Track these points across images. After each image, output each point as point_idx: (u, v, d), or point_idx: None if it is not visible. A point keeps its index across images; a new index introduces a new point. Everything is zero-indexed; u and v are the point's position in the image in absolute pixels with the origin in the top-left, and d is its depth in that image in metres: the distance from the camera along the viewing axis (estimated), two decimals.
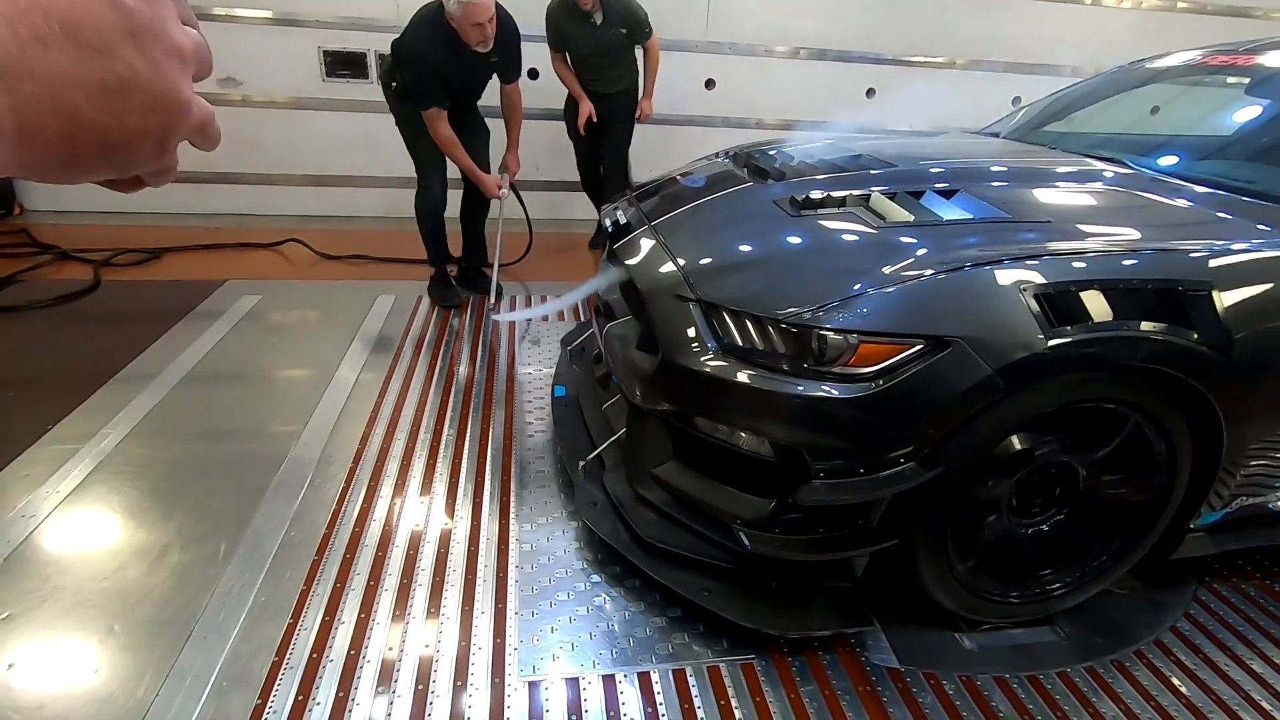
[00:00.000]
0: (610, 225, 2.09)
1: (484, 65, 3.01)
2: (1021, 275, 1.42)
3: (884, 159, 2.07)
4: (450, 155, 3.06)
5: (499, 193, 3.24)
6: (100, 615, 1.59)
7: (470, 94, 3.13)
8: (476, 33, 2.78)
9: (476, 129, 3.25)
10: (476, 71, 3.03)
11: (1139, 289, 1.42)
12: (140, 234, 3.90)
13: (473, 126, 3.21)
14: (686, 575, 1.65)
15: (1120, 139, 2.55)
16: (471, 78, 3.04)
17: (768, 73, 4.79)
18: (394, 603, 1.65)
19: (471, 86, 3.10)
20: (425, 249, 3.36)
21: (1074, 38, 5.02)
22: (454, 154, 3.05)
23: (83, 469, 2.06)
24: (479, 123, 3.27)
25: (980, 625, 1.67)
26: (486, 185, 3.19)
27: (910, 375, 1.38)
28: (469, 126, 3.18)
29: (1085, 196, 1.86)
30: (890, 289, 1.44)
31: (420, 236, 3.33)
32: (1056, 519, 1.62)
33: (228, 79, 4.21)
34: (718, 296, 1.56)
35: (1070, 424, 1.51)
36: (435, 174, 3.17)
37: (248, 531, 1.85)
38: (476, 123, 3.25)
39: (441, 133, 2.97)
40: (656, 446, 1.73)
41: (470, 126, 3.19)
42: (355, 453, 2.20)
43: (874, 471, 1.43)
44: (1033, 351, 1.36)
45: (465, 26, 2.75)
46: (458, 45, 2.82)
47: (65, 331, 2.92)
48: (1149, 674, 1.60)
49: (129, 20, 0.29)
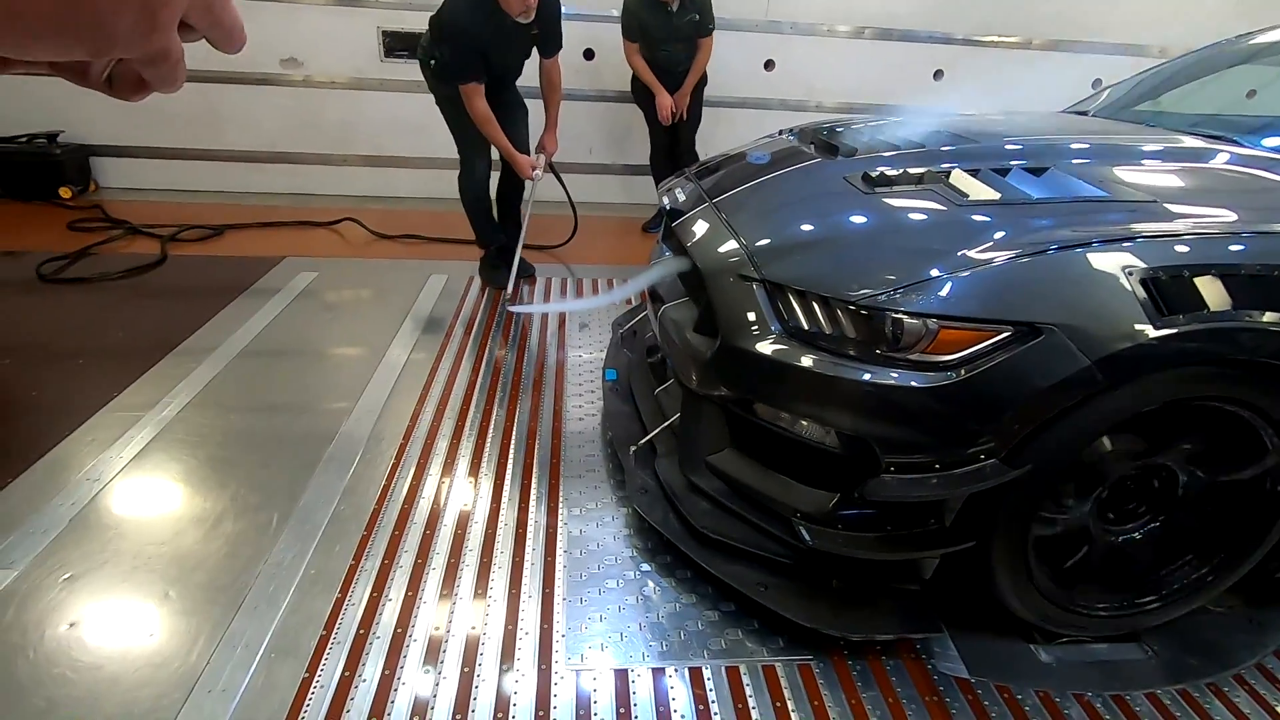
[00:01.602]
0: (668, 204, 2.01)
1: (524, 37, 2.92)
2: (1126, 258, 1.28)
3: (963, 135, 1.93)
4: (486, 132, 2.98)
5: (533, 174, 3.15)
6: (157, 580, 1.61)
7: (509, 68, 3.05)
8: (519, 3, 2.70)
9: (515, 107, 3.17)
10: (516, 44, 2.94)
11: (1263, 275, 1.27)
12: (205, 211, 4.00)
13: (512, 104, 3.14)
14: (741, 568, 1.58)
15: (1220, 119, 2.34)
16: (511, 50, 2.96)
17: (829, 53, 4.61)
18: (441, 582, 1.63)
19: (511, 60, 3.02)
20: (473, 230, 3.32)
21: (1165, 15, 4.68)
22: (489, 131, 2.97)
23: (145, 435, 2.11)
24: (518, 101, 3.20)
25: (1058, 638, 1.55)
26: (521, 165, 3.10)
27: (996, 364, 1.26)
28: (508, 104, 3.11)
29: (1196, 176, 1.70)
30: (974, 271, 1.32)
31: (467, 217, 3.30)
32: (1152, 527, 1.48)
33: (290, 59, 4.28)
34: (783, 276, 1.47)
35: (1174, 423, 1.37)
36: (478, 154, 3.12)
37: (299, 504, 1.85)
38: (515, 101, 3.18)
39: (478, 108, 2.89)
40: (713, 433, 1.66)
41: (509, 104, 3.12)
42: (405, 431, 2.19)
43: (950, 468, 1.32)
44: (1137, 342, 1.23)
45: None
46: (499, 15, 2.74)
47: (133, 303, 3.01)
48: (1250, 700, 1.45)
49: None
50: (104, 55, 0.27)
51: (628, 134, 4.66)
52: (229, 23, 0.31)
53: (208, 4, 0.29)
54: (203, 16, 0.29)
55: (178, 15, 0.28)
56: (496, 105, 2.99)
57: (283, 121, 4.42)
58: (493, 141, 3.03)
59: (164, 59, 0.29)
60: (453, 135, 3.12)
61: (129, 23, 0.26)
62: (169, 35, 0.28)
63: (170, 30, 0.28)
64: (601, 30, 4.37)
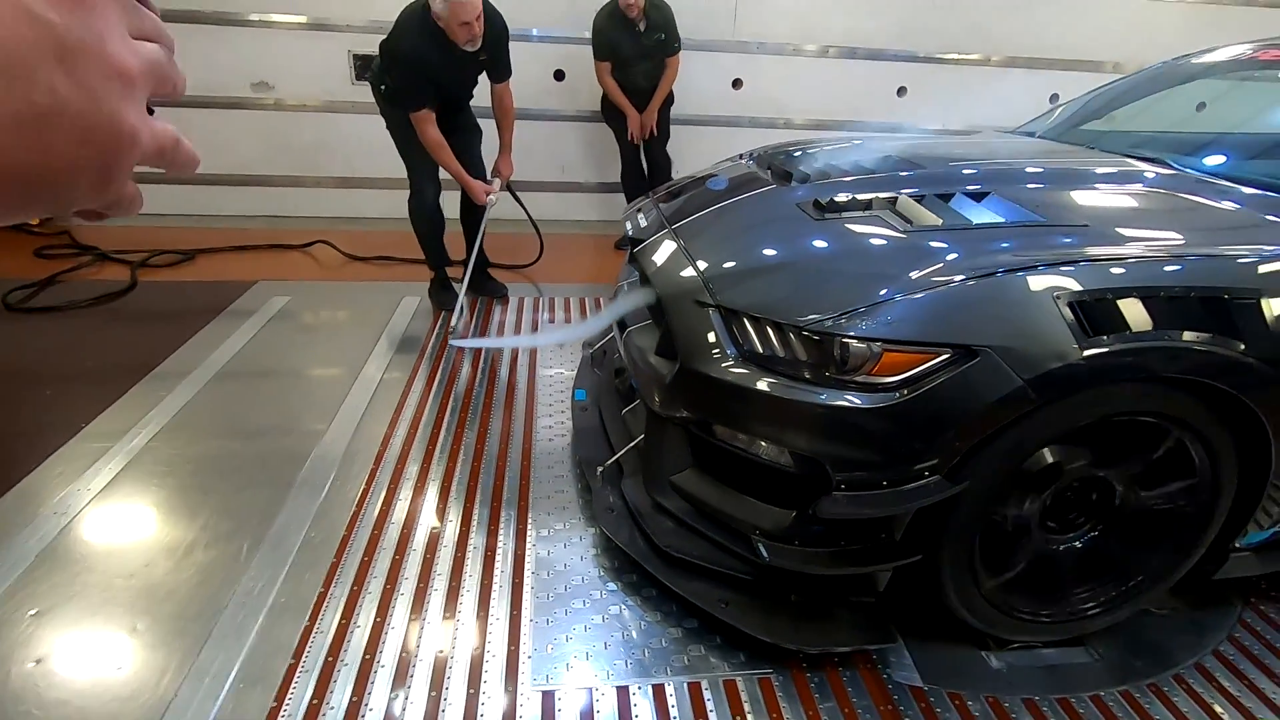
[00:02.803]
0: (630, 230, 2.07)
1: (473, 64, 2.94)
2: (1055, 282, 1.36)
3: (912, 160, 2.01)
4: (438, 159, 2.98)
5: (487, 199, 3.12)
6: (126, 612, 1.62)
7: (460, 94, 3.06)
8: (464, 31, 2.71)
9: (469, 130, 3.17)
10: (465, 71, 2.95)
11: (1181, 297, 1.35)
12: (176, 236, 3.99)
13: (466, 128, 3.14)
14: (704, 586, 1.63)
15: (1163, 138, 2.45)
16: (461, 77, 2.97)
17: (796, 72, 4.72)
18: (410, 607, 1.65)
19: (461, 86, 3.03)
20: (424, 252, 3.30)
21: (1117, 33, 4.85)
22: (442, 158, 2.97)
23: (114, 465, 2.11)
24: (472, 124, 3.19)
25: (1009, 644, 1.61)
26: (474, 191, 3.09)
27: (936, 385, 1.33)
28: (461, 127, 3.11)
29: (1125, 199, 1.79)
30: (916, 295, 1.39)
31: (418, 240, 3.27)
32: (1091, 536, 1.55)
33: (261, 83, 4.29)
34: (738, 302, 1.53)
35: (1107, 437, 1.44)
36: (427, 178, 3.11)
37: (271, 530, 1.87)
38: (469, 124, 3.18)
39: (430, 135, 2.89)
40: (675, 454, 1.71)
41: (463, 128, 3.12)
42: (377, 453, 2.21)
43: (898, 484, 1.38)
44: (1067, 362, 1.30)
45: (453, 26, 2.69)
46: (446, 44, 2.76)
47: (103, 330, 3.00)
48: (1189, 700, 1.52)
49: (54, 39, 0.25)
50: (64, 211, 0.29)
51: (599, 152, 4.73)
52: (183, 160, 0.34)
53: (160, 150, 0.32)
54: (158, 160, 0.32)
55: (132, 168, 0.30)
56: (450, 129, 3.00)
57: (254, 144, 4.42)
58: (445, 168, 3.02)
59: (119, 203, 0.31)
60: (402, 158, 3.11)
61: (86, 184, 0.28)
62: (124, 185, 0.30)
63: (126, 181, 0.30)
64: (572, 51, 4.45)
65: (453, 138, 3.00)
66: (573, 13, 4.34)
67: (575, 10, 4.33)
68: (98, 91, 0.27)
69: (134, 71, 0.29)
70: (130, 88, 0.29)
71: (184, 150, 0.34)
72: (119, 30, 0.29)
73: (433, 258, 3.32)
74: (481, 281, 3.49)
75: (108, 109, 0.28)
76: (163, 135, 0.32)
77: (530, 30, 4.36)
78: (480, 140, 3.25)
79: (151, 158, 0.31)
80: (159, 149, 0.31)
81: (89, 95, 0.27)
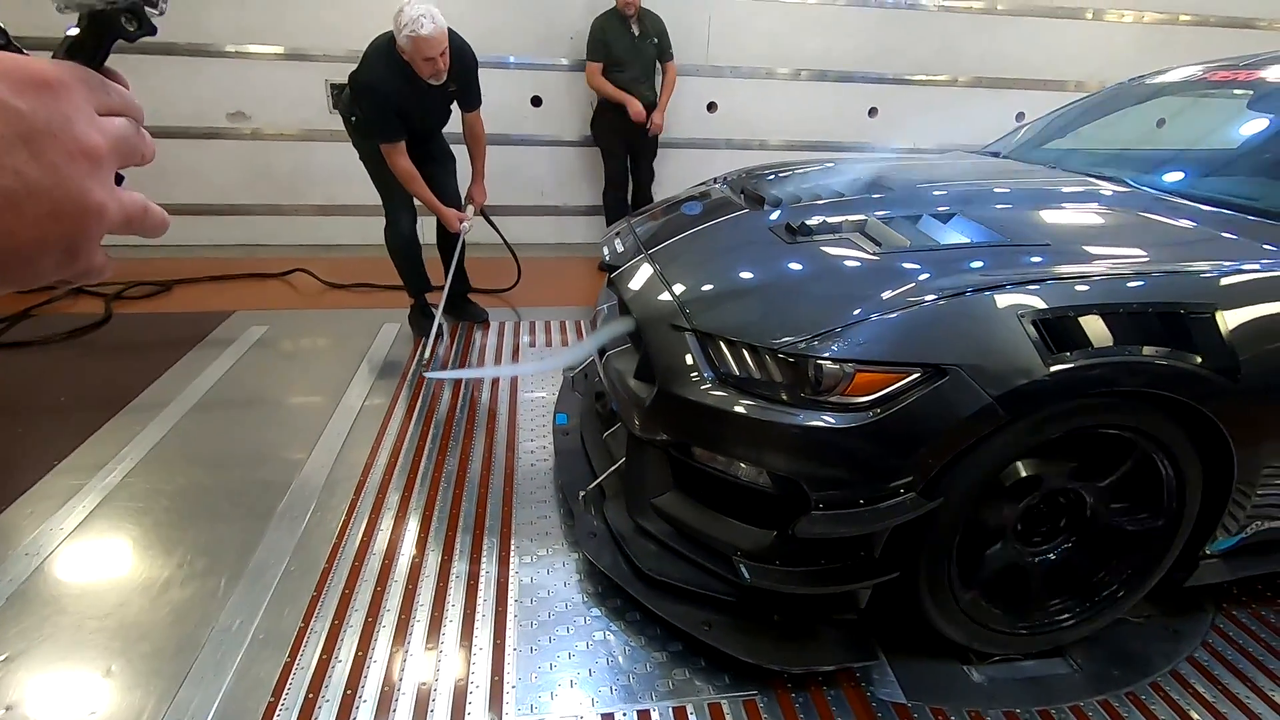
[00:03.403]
0: (608, 256, 2.09)
1: (442, 95, 2.94)
2: (1019, 300, 1.40)
3: (881, 183, 2.06)
4: (410, 189, 2.98)
5: (460, 226, 3.13)
6: (100, 654, 1.59)
7: (430, 125, 3.05)
8: (429, 66, 2.71)
9: (442, 158, 3.18)
10: (435, 102, 2.96)
11: (1140, 312, 1.39)
12: (152, 267, 3.96)
13: (438, 156, 3.15)
14: (687, 609, 1.63)
15: (1123, 157, 2.53)
16: (430, 109, 2.97)
17: (770, 95, 4.82)
18: (392, 639, 1.64)
19: (431, 118, 3.02)
20: (402, 280, 3.30)
21: (1077, 53, 5.02)
22: (414, 188, 2.97)
23: (89, 503, 2.08)
24: (445, 151, 3.20)
25: (990, 657, 1.63)
26: (448, 219, 3.10)
27: (908, 404, 1.36)
28: (434, 156, 3.11)
29: (1084, 217, 1.85)
30: (886, 316, 1.42)
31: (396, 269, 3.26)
32: (1065, 548, 1.58)
33: (237, 113, 4.30)
34: (713, 326, 1.55)
35: (1076, 451, 1.48)
36: (402, 207, 3.10)
37: (250, 564, 1.85)
38: (442, 151, 3.18)
39: (401, 166, 2.89)
40: (656, 477, 1.72)
41: (435, 156, 3.12)
42: (358, 482, 2.20)
43: (874, 502, 1.40)
44: (1033, 379, 1.34)
45: (417, 60, 2.69)
46: (413, 77, 2.76)
47: (77, 365, 2.96)
48: (1165, 708, 1.55)
49: (19, 125, 0.26)
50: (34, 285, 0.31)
51: (577, 176, 4.79)
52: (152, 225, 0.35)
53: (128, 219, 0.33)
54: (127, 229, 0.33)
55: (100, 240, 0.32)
56: (423, 157, 3.00)
57: (232, 174, 4.42)
58: (418, 197, 3.02)
59: (89, 273, 0.33)
60: (376, 189, 3.11)
61: (55, 259, 0.30)
62: (91, 257, 0.32)
63: (92, 254, 0.32)
64: (548, 78, 4.51)
65: (426, 167, 3.01)
66: (549, 40, 4.41)
67: (551, 37, 4.41)
68: (64, 172, 0.28)
69: (100, 149, 0.30)
70: (96, 165, 0.30)
71: (152, 216, 0.35)
72: (85, 111, 0.30)
73: (411, 285, 3.32)
74: (462, 307, 3.49)
75: (75, 187, 0.29)
76: (130, 205, 0.33)
77: (507, 58, 4.42)
78: (454, 167, 3.26)
79: (119, 228, 0.33)
80: (126, 219, 0.33)
81: (55, 176, 0.28)
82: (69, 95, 0.30)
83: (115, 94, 0.34)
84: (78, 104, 0.30)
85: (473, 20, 4.22)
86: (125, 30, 0.38)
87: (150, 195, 0.37)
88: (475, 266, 3.66)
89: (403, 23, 2.62)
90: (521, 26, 4.36)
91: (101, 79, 0.33)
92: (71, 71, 0.32)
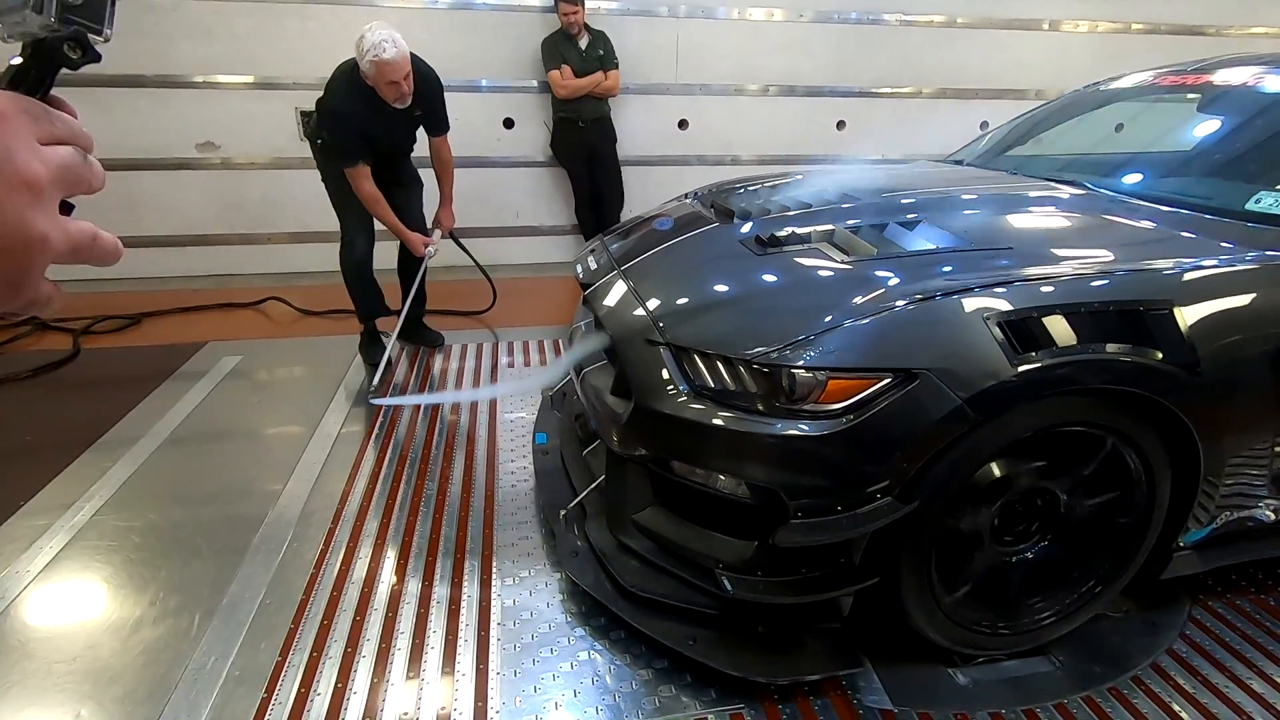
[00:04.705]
0: (581, 274, 2.10)
1: (407, 120, 2.94)
2: (984, 303, 1.42)
3: (848, 193, 2.10)
4: (375, 213, 2.95)
5: (425, 251, 3.10)
6: (69, 699, 1.54)
7: (396, 150, 3.03)
8: (393, 90, 2.71)
9: (409, 182, 3.16)
10: (400, 126, 2.95)
11: (1101, 311, 1.42)
12: (120, 300, 3.90)
13: (404, 180, 3.13)
14: (671, 624, 1.62)
15: (1081, 161, 2.60)
16: (395, 133, 2.95)
17: (739, 111, 4.89)
18: (372, 669, 1.61)
19: (397, 142, 3.00)
20: (353, 304, 3.23)
21: (1035, 62, 5.17)
22: (378, 212, 2.93)
23: (56, 544, 2.02)
24: (411, 176, 3.18)
25: (974, 659, 1.63)
26: (413, 244, 3.07)
27: (880, 409, 1.37)
28: (401, 180, 3.09)
29: (1046, 220, 1.89)
30: (856, 323, 1.44)
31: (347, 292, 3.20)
32: (1041, 546, 1.60)
33: (206, 143, 4.28)
34: (687, 339, 1.56)
35: (1048, 450, 1.50)
36: (359, 231, 3.06)
37: (224, 600, 1.81)
38: (409, 176, 3.16)
39: (365, 190, 2.86)
40: (636, 492, 1.71)
41: (402, 180, 3.10)
42: (335, 511, 2.17)
43: (851, 508, 1.41)
44: (1000, 380, 1.36)
45: (380, 85, 2.69)
46: (378, 102, 2.76)
47: (44, 402, 2.90)
48: (1148, 701, 1.56)
49: None
50: None
51: (550, 196, 4.82)
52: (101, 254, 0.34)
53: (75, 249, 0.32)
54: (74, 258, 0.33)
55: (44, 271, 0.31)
56: (389, 183, 2.98)
57: (202, 204, 4.38)
58: (382, 221, 2.99)
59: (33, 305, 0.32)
60: (335, 210, 3.07)
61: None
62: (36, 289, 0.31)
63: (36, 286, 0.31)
64: (520, 100, 4.54)
65: (392, 191, 2.99)
66: (517, 63, 4.45)
67: (520, 60, 4.44)
68: (2, 203, 0.28)
69: (42, 179, 0.30)
70: (38, 195, 0.30)
71: (103, 244, 0.35)
72: (26, 140, 0.30)
73: (362, 309, 3.24)
74: (418, 332, 3.45)
75: (14, 219, 0.29)
76: (77, 235, 0.32)
77: (480, 80, 4.45)
78: (421, 191, 3.24)
79: (65, 257, 0.32)
80: (73, 248, 0.32)
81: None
82: (8, 125, 0.29)
83: (60, 122, 0.33)
84: (18, 133, 0.30)
85: (443, 44, 4.26)
86: (69, 58, 0.37)
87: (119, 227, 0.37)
88: (450, 289, 3.65)
89: (365, 48, 2.62)
90: (489, 50, 4.40)
91: (45, 108, 0.33)
92: (11, 101, 0.31)
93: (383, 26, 2.65)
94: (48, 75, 0.37)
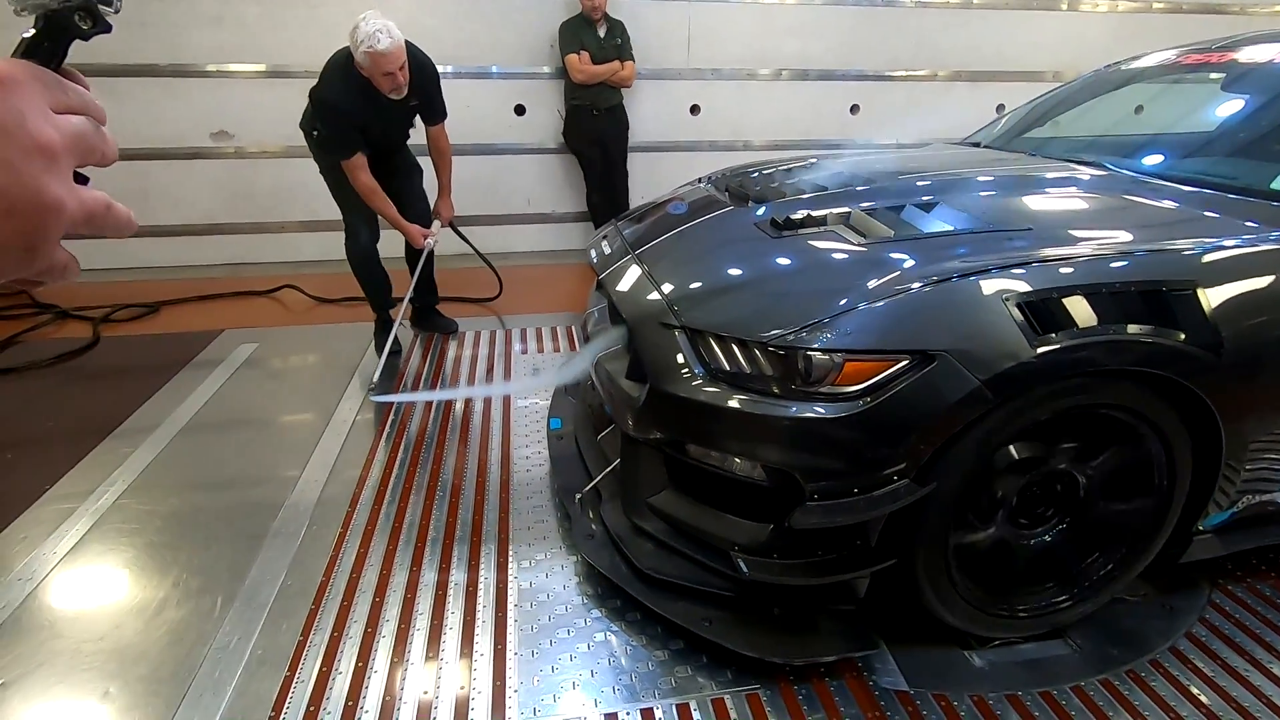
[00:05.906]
0: (595, 258, 2.10)
1: (403, 110, 2.89)
2: (1003, 285, 1.41)
3: (863, 176, 2.08)
4: (372, 204, 2.91)
5: (425, 241, 3.08)
6: (96, 678, 1.57)
7: (392, 140, 3.00)
8: (388, 81, 2.67)
9: (408, 170, 3.12)
10: (396, 117, 2.91)
11: (1122, 292, 1.40)
12: (138, 289, 3.94)
13: (403, 169, 3.09)
14: (687, 606, 1.63)
15: (1101, 142, 2.56)
16: (391, 123, 2.92)
17: (752, 95, 4.85)
18: (392, 650, 1.63)
19: (393, 132, 2.97)
20: (365, 295, 3.20)
21: (1053, 44, 5.08)
22: (376, 203, 2.90)
23: (80, 527, 2.06)
24: (410, 164, 3.14)
25: (990, 641, 1.63)
26: (411, 235, 3.04)
27: (897, 391, 1.36)
28: (399, 170, 3.05)
29: (1064, 202, 1.87)
30: (873, 305, 1.43)
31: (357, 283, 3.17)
32: (1059, 529, 1.59)
33: (220, 132, 4.29)
34: (702, 322, 1.56)
35: (1067, 432, 1.49)
36: (362, 222, 3.01)
37: (245, 583, 1.84)
38: (408, 164, 3.12)
39: (363, 181, 2.82)
40: (651, 475, 1.72)
41: (400, 170, 3.07)
42: (353, 496, 2.19)
43: (868, 491, 1.41)
44: (1020, 361, 1.35)
45: (375, 75, 2.65)
46: (373, 93, 2.72)
47: (65, 390, 2.94)
48: (1166, 684, 1.55)
49: None
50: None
51: (562, 183, 4.80)
52: (115, 224, 0.35)
53: (89, 217, 0.32)
54: (88, 227, 0.33)
55: (59, 238, 0.31)
56: (388, 172, 2.95)
57: (216, 193, 4.41)
58: (380, 213, 2.95)
59: (50, 272, 0.32)
60: (336, 202, 3.05)
61: (13, 256, 0.30)
62: (52, 255, 0.31)
63: (52, 252, 0.31)
64: (531, 86, 4.52)
65: (391, 180, 2.96)
66: (527, 49, 4.43)
67: (532, 46, 4.42)
68: (18, 167, 0.28)
69: (56, 145, 0.30)
70: (53, 161, 0.30)
71: (115, 214, 0.35)
72: (39, 107, 0.30)
73: (373, 300, 3.23)
74: (430, 319, 3.46)
75: (30, 183, 0.29)
76: (91, 203, 0.32)
77: (490, 68, 4.43)
78: (421, 179, 3.21)
79: (80, 225, 0.32)
80: (87, 216, 0.32)
81: (9, 171, 0.28)
82: (21, 91, 0.29)
83: (73, 93, 0.34)
84: (32, 100, 0.30)
85: (453, 30, 4.25)
86: (80, 29, 0.38)
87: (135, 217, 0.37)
88: (459, 277, 3.66)
89: (359, 39, 2.58)
90: (500, 36, 4.38)
91: (57, 77, 0.33)
92: (24, 69, 0.32)
93: (377, 15, 2.60)
94: (60, 47, 0.37)
